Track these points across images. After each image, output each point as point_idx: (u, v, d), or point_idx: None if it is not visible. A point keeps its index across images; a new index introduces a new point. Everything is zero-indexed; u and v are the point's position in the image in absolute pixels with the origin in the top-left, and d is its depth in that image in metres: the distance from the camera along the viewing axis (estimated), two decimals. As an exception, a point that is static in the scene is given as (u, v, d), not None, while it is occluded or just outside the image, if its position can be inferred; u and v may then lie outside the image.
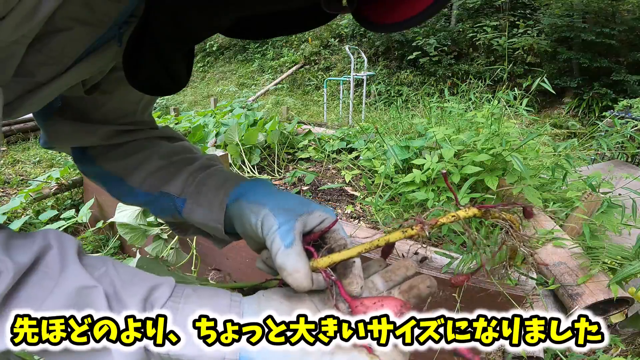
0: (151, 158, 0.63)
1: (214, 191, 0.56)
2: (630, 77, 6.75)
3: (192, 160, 0.64)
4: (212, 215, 0.54)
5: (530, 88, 1.74)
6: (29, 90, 0.45)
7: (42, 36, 0.40)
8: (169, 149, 0.66)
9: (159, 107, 7.94)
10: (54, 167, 3.74)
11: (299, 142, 2.68)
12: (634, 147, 2.38)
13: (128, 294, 0.38)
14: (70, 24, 0.41)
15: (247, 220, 0.49)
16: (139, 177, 0.62)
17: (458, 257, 1.13)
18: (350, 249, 0.42)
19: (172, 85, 0.53)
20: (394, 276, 0.47)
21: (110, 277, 0.39)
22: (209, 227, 0.56)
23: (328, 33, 9.89)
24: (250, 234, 0.50)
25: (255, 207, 0.48)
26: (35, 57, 0.42)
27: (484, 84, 2.76)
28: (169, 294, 0.40)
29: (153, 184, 0.62)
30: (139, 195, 0.63)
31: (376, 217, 1.64)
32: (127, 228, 1.72)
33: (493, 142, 1.55)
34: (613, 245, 1.29)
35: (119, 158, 0.65)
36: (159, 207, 0.62)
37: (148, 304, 0.39)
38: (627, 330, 1.29)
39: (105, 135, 0.63)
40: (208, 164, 0.63)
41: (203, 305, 0.40)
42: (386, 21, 0.42)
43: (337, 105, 7.22)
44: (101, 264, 0.40)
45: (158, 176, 0.62)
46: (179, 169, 0.61)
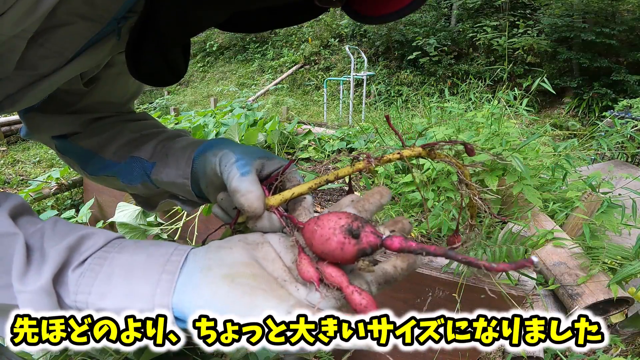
0: (123, 132, 0.65)
1: (180, 150, 0.56)
2: (630, 77, 6.74)
3: (162, 132, 0.65)
4: (179, 172, 0.54)
5: (530, 88, 1.74)
6: (31, 82, 0.47)
7: (44, 31, 0.41)
8: (140, 124, 0.68)
9: (159, 107, 7.94)
10: (54, 167, 3.74)
11: (299, 142, 2.67)
12: (634, 147, 2.38)
13: (51, 244, 0.35)
14: (72, 18, 0.43)
15: (208, 163, 0.49)
16: (111, 149, 0.64)
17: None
18: (300, 185, 0.41)
19: (172, 76, 0.55)
20: (367, 205, 0.43)
21: (42, 231, 0.37)
22: (177, 186, 0.56)
23: (328, 33, 9.88)
24: (211, 178, 0.49)
25: (217, 151, 0.48)
26: (38, 51, 0.43)
27: (484, 84, 2.76)
28: (101, 244, 0.37)
29: (123, 153, 0.62)
30: (110, 165, 0.63)
31: (376, 217, 1.64)
32: (127, 228, 1.72)
33: (493, 142, 1.55)
34: (613, 245, 1.29)
35: (92, 135, 0.66)
36: (129, 174, 0.62)
37: (75, 252, 0.36)
38: (627, 330, 1.29)
39: (84, 123, 0.66)
40: (177, 133, 0.64)
41: (137, 253, 0.36)
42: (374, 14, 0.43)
43: (337, 105, 7.22)
44: (42, 222, 0.39)
45: (129, 146, 0.63)
46: (149, 138, 0.63)
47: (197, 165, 0.53)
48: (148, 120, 0.72)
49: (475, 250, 1.07)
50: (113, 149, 0.64)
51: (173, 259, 0.36)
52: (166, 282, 0.35)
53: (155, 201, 0.69)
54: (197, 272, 0.35)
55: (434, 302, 1.20)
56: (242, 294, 0.33)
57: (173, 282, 0.35)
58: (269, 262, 0.38)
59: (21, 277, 0.34)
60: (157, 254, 0.37)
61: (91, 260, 0.36)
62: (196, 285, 0.34)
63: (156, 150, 0.60)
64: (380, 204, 0.43)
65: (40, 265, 0.35)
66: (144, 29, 0.48)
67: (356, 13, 0.45)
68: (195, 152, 0.54)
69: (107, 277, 0.35)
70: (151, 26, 0.47)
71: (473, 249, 1.08)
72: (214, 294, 0.33)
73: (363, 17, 0.44)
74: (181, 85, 10.57)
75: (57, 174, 2.49)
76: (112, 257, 0.36)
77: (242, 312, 0.33)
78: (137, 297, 0.34)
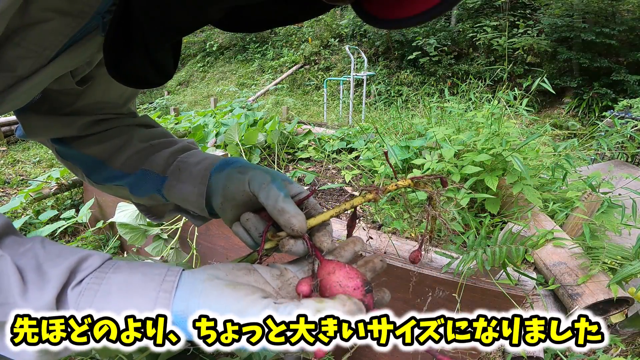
0: (131, 141, 0.65)
1: (194, 166, 0.58)
2: (630, 77, 6.74)
3: (171, 143, 0.65)
4: (194, 189, 0.56)
5: (530, 88, 1.74)
6: (10, 84, 0.44)
7: (19, 29, 0.39)
8: (148, 133, 0.68)
9: (159, 107, 7.94)
10: (54, 167, 3.74)
11: (299, 142, 2.67)
12: (634, 147, 2.38)
13: (51, 265, 0.36)
14: (48, 15, 0.40)
15: (234, 180, 0.51)
16: (120, 159, 0.63)
17: (458, 257, 1.13)
18: (323, 213, 0.47)
19: (158, 77, 0.52)
20: (344, 252, 0.48)
21: (34, 251, 0.38)
22: (190, 202, 0.57)
23: (328, 33, 9.89)
24: (233, 195, 0.51)
25: (243, 169, 0.51)
26: (15, 51, 0.41)
27: (484, 84, 2.76)
28: (97, 265, 0.38)
29: (134, 164, 0.63)
30: (119, 176, 0.64)
31: (376, 217, 1.64)
32: (127, 228, 1.72)
33: (493, 142, 1.55)
34: (613, 245, 1.29)
35: (98, 142, 0.65)
36: (139, 187, 0.62)
37: (73, 274, 0.37)
38: (627, 330, 1.29)
39: (82, 126, 0.64)
40: (188, 147, 0.65)
41: (132, 274, 0.38)
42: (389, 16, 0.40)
43: (337, 105, 7.22)
44: (29, 241, 0.39)
45: (139, 157, 0.63)
46: (159, 150, 0.63)
47: (213, 182, 0.55)
48: (155, 128, 0.71)
49: (475, 250, 1.07)
50: (122, 159, 0.63)
51: (168, 279, 0.38)
52: (164, 300, 0.36)
53: (160, 211, 0.70)
54: (200, 282, 0.38)
55: (434, 302, 1.20)
56: (245, 294, 0.37)
57: (170, 299, 0.36)
58: (260, 285, 0.41)
59: (23, 295, 0.34)
60: (151, 274, 0.38)
61: (88, 279, 0.37)
62: (202, 290, 0.37)
63: (168, 163, 0.61)
64: (355, 251, 0.48)
65: (41, 284, 0.35)
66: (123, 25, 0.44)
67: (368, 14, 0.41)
68: (212, 169, 0.55)
69: (105, 295, 0.36)
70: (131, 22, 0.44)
71: (473, 249, 1.08)
72: (221, 293, 0.37)
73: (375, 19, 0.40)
74: (181, 85, 10.57)
75: (57, 174, 2.49)
76: (108, 277, 0.37)
77: (246, 308, 0.36)
78: (137, 310, 0.36)
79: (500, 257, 1.03)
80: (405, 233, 1.44)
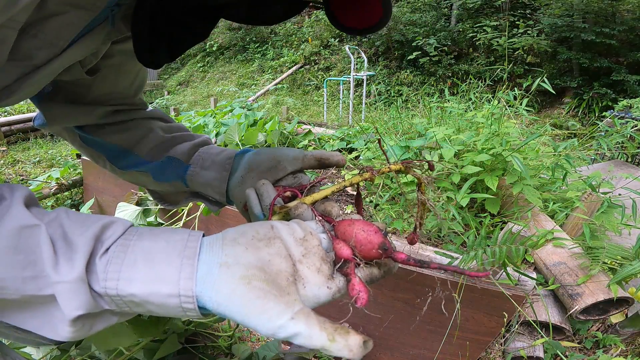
0: (154, 131, 0.72)
1: (217, 155, 0.66)
2: (630, 77, 6.74)
3: (192, 136, 0.73)
4: (217, 175, 0.64)
5: (530, 88, 1.74)
6: (26, 73, 0.47)
7: (36, 21, 0.42)
8: (168, 127, 0.75)
9: (159, 107, 7.94)
10: (54, 167, 3.74)
11: (299, 142, 2.67)
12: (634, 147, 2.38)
13: (77, 234, 0.37)
14: (64, 8, 0.43)
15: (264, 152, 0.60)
16: (146, 147, 0.70)
17: (458, 257, 1.13)
18: (325, 189, 0.53)
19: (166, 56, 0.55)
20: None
21: (59, 221, 0.38)
22: (212, 187, 0.65)
23: (328, 33, 9.88)
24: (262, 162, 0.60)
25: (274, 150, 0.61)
26: (32, 42, 0.44)
27: (484, 84, 2.76)
28: (121, 232, 0.39)
29: (158, 153, 0.70)
30: (144, 163, 0.70)
31: (376, 217, 1.64)
32: (127, 228, 1.71)
33: (493, 142, 1.55)
34: (613, 245, 1.29)
35: (121, 132, 0.71)
36: (162, 173, 0.69)
37: (99, 242, 0.38)
38: (627, 330, 1.29)
39: (102, 114, 0.69)
40: (207, 141, 0.73)
41: (155, 240, 0.39)
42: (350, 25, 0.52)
43: (337, 105, 7.22)
44: (53, 212, 0.40)
45: (163, 147, 0.70)
46: (181, 141, 0.71)
47: (234, 164, 0.63)
48: (172, 123, 0.78)
49: (475, 250, 1.07)
50: (148, 147, 0.70)
51: (190, 244, 0.39)
52: (188, 267, 0.37)
53: (174, 199, 0.76)
54: (215, 266, 0.38)
55: (434, 302, 1.20)
56: (256, 297, 0.36)
57: (194, 266, 0.37)
58: (281, 259, 0.40)
59: (55, 267, 0.35)
60: (173, 240, 0.39)
61: (114, 247, 0.38)
62: (215, 281, 0.37)
63: (190, 154, 0.68)
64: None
65: (70, 254, 0.36)
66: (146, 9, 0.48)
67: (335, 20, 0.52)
68: (236, 154, 0.65)
69: (132, 263, 0.37)
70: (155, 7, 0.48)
71: (473, 249, 1.08)
72: (232, 292, 0.36)
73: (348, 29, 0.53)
74: (181, 85, 10.57)
75: (57, 174, 2.49)
76: (133, 245, 0.38)
77: (254, 314, 0.35)
78: (164, 281, 0.36)
79: (500, 257, 1.03)
80: (405, 233, 1.44)
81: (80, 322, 0.37)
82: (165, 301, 0.36)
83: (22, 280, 0.35)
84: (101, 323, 0.39)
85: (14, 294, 0.35)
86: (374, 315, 1.27)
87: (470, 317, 1.18)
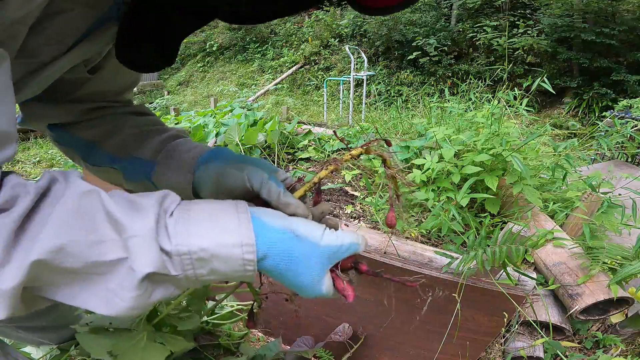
0: (123, 127, 0.67)
1: (183, 155, 0.60)
2: (630, 77, 6.74)
3: (162, 130, 0.67)
4: (180, 177, 0.58)
5: (530, 88, 1.73)
6: (32, 70, 0.47)
7: (43, 18, 0.41)
8: (140, 120, 0.70)
9: (159, 107, 7.93)
10: (54, 167, 3.74)
11: (299, 142, 2.67)
12: (634, 147, 2.38)
13: (141, 199, 0.41)
14: (71, 5, 0.42)
15: (231, 176, 0.54)
16: (112, 143, 0.65)
17: (458, 257, 1.13)
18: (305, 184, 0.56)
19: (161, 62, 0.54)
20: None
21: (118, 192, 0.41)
22: (177, 190, 0.58)
23: (328, 33, 9.88)
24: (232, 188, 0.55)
25: (237, 166, 0.54)
26: (38, 39, 0.43)
27: (484, 84, 2.76)
28: (179, 200, 0.43)
29: (124, 150, 0.64)
30: (110, 160, 0.65)
31: (376, 217, 1.64)
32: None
33: (493, 142, 1.55)
34: (613, 245, 1.29)
35: (91, 127, 0.67)
36: (130, 172, 0.65)
37: (161, 207, 0.41)
38: (627, 330, 1.29)
39: (80, 113, 0.66)
40: (177, 134, 0.66)
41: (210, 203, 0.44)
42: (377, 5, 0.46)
43: (337, 105, 7.22)
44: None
45: (129, 143, 0.65)
46: (149, 137, 0.64)
47: (201, 173, 0.57)
48: (148, 116, 0.72)
49: (475, 250, 1.07)
50: (113, 143, 0.65)
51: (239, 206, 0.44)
52: (245, 220, 0.42)
53: None
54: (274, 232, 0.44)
55: (434, 302, 1.20)
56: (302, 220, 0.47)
57: (249, 220, 0.43)
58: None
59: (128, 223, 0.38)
60: (225, 203, 0.45)
61: (177, 211, 0.41)
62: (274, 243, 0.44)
63: (157, 150, 0.62)
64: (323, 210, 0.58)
65: (139, 213, 0.39)
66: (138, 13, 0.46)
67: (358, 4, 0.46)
68: (198, 160, 0.58)
69: (198, 222, 0.41)
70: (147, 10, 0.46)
71: (473, 249, 1.08)
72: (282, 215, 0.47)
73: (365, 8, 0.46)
74: (181, 85, 10.57)
75: (57, 174, 2.49)
76: (191, 209, 0.42)
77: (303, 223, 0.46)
78: (228, 231, 0.41)
79: (500, 257, 1.03)
80: (405, 233, 1.44)
81: (145, 284, 0.38)
82: (230, 252, 0.40)
83: (87, 244, 0.36)
84: (160, 291, 0.41)
85: (77, 261, 0.36)
86: (374, 315, 1.27)
87: (470, 317, 1.18)
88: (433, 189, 1.55)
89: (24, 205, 0.34)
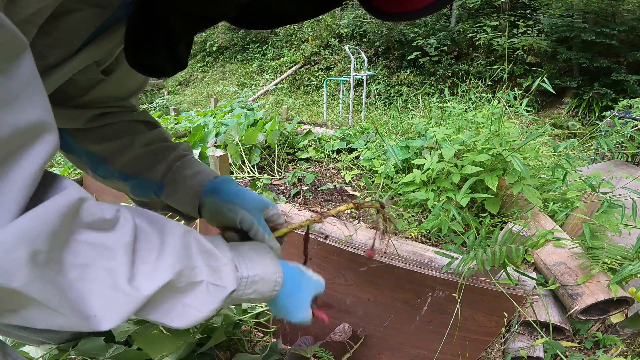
0: (132, 145, 0.70)
1: (187, 181, 0.68)
2: (630, 77, 6.74)
3: (169, 149, 0.72)
4: (188, 202, 0.68)
5: (530, 88, 1.73)
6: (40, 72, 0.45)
7: (51, 19, 0.40)
8: (147, 137, 0.72)
9: (159, 107, 7.93)
10: (54, 167, 3.74)
11: (299, 142, 2.67)
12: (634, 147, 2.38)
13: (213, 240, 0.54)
14: (78, 5, 0.42)
15: (226, 215, 0.65)
16: (121, 161, 0.69)
17: (458, 257, 1.13)
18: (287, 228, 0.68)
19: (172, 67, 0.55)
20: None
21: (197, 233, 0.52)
22: (184, 210, 0.70)
23: (328, 33, 9.88)
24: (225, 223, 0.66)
25: (232, 207, 0.64)
26: (45, 40, 0.42)
27: (484, 84, 2.76)
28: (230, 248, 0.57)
29: (134, 168, 0.69)
30: (120, 176, 0.70)
31: (376, 217, 1.64)
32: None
33: (493, 142, 1.55)
34: (613, 245, 1.29)
35: (100, 140, 0.69)
36: (138, 188, 0.70)
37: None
38: (627, 330, 1.29)
39: (87, 119, 0.66)
40: (182, 154, 0.72)
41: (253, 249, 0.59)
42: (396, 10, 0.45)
43: (337, 105, 7.22)
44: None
45: (139, 162, 0.69)
46: (158, 157, 0.70)
47: (203, 202, 0.67)
48: (154, 130, 0.75)
49: (475, 250, 1.07)
50: (123, 161, 0.69)
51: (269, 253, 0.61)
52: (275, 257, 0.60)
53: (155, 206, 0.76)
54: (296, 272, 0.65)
55: (434, 302, 1.20)
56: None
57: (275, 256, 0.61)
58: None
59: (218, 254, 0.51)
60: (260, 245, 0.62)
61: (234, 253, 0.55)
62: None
63: (165, 173, 0.69)
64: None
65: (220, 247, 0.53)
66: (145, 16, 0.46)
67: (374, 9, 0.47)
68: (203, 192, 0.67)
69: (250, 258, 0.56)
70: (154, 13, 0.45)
71: (473, 249, 1.08)
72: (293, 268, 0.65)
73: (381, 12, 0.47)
74: (181, 85, 10.57)
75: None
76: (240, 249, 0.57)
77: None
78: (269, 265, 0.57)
79: (500, 257, 1.03)
80: (405, 233, 1.44)
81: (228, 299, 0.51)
82: (270, 277, 0.56)
83: (190, 268, 0.46)
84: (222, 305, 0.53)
85: (182, 281, 0.45)
86: (374, 315, 1.27)
87: (470, 317, 1.18)
88: (433, 189, 1.55)
89: (127, 233, 0.40)
